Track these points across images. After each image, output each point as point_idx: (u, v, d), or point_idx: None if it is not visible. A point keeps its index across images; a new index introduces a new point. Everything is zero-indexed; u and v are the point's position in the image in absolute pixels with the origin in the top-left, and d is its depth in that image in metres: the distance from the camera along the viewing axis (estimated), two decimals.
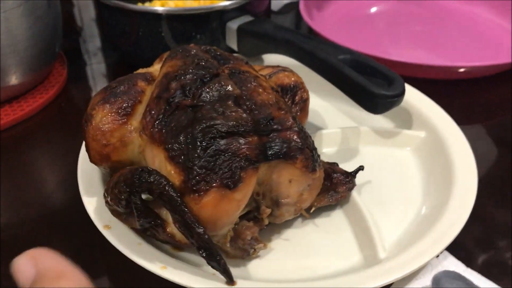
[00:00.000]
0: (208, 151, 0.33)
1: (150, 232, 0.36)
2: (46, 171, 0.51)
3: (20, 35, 0.53)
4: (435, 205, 0.42)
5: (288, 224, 0.41)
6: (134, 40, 0.59)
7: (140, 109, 0.38)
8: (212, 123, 0.34)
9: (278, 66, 0.47)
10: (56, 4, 0.59)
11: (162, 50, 0.59)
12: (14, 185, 0.48)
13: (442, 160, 0.45)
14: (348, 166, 0.44)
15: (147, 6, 0.61)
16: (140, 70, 0.43)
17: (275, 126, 0.36)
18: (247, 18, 0.58)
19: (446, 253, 0.39)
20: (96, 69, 0.69)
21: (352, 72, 0.45)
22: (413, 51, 0.70)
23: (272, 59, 0.58)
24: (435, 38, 0.73)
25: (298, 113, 0.45)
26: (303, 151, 0.36)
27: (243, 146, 0.34)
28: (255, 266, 0.38)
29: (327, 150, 0.50)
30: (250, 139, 0.34)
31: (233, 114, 0.35)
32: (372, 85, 0.44)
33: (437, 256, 0.38)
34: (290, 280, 0.37)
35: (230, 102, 0.35)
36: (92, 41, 0.75)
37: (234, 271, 0.37)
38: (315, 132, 0.50)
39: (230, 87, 0.36)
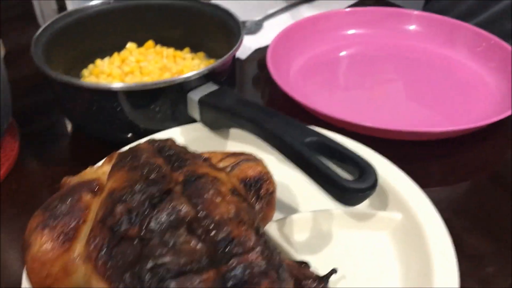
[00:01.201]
0: None
1: None
2: None
3: None
4: None
5: None
6: (89, 115, 0.55)
7: (85, 229, 0.34)
8: (160, 261, 0.30)
9: (241, 154, 0.44)
10: (4, 77, 0.55)
11: (120, 123, 0.55)
12: None
13: (419, 247, 0.43)
14: (321, 257, 0.41)
15: (100, 83, 0.57)
16: (88, 171, 0.40)
17: (235, 250, 0.32)
18: (209, 88, 0.54)
19: None
20: (55, 140, 0.64)
21: (320, 161, 0.42)
22: (383, 108, 0.67)
23: (237, 131, 0.55)
24: (410, 87, 0.70)
25: (264, 207, 0.42)
26: (267, 275, 0.33)
27: (197, 287, 0.30)
28: None
29: (298, 237, 0.46)
30: (206, 276, 0.30)
31: (186, 246, 0.31)
32: (341, 178, 0.41)
33: None
34: None
35: (182, 230, 0.32)
36: (50, 109, 0.71)
37: None
38: (285, 218, 0.46)
39: (182, 209, 0.33)
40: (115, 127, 0.56)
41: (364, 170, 0.41)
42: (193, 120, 0.57)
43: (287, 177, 0.51)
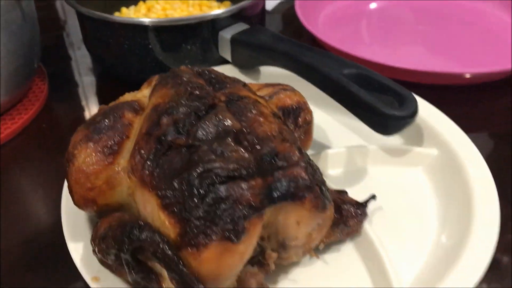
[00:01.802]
0: (207, 199, 0.29)
1: (144, 286, 0.32)
2: (26, 202, 0.46)
3: None
4: (456, 234, 0.38)
5: (295, 262, 0.38)
6: (119, 53, 0.55)
7: (128, 145, 0.34)
8: (210, 166, 0.30)
9: (278, 84, 0.43)
10: (33, 15, 0.55)
11: (150, 63, 0.55)
12: None
13: (458, 181, 0.42)
14: (357, 191, 0.40)
15: (132, 18, 0.56)
16: (127, 95, 0.39)
17: (280, 163, 0.32)
18: (241, 27, 0.53)
19: None
20: (81, 82, 0.64)
21: (359, 89, 0.41)
22: (414, 54, 0.66)
23: (271, 70, 0.54)
24: (437, 38, 0.69)
25: (302, 137, 0.42)
26: (312, 190, 0.32)
27: (246, 192, 0.30)
28: None
29: (333, 172, 0.46)
30: (254, 182, 0.30)
31: (234, 154, 0.31)
32: (382, 104, 0.40)
33: None
34: None
35: (229, 140, 0.31)
36: (76, 48, 0.71)
37: None
38: (320, 152, 0.46)
39: (228, 121, 0.32)
40: (144, 67, 0.55)
41: (404, 99, 0.41)
42: (224, 62, 0.56)
43: (320, 119, 0.51)
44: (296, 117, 0.41)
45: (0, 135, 0.52)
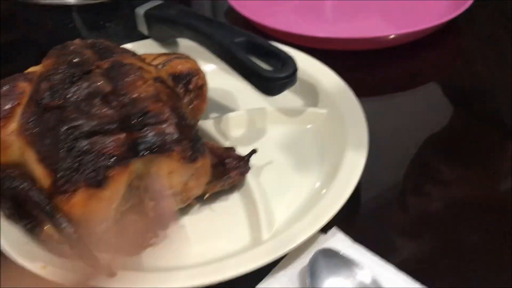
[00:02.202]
0: (72, 152, 0.34)
1: (32, 233, 0.37)
2: None
3: None
4: (325, 181, 0.43)
5: (184, 210, 0.42)
6: (45, 33, 0.59)
7: (21, 110, 0.38)
8: (75, 124, 0.34)
9: (174, 53, 0.47)
10: None
11: None
12: None
13: (338, 136, 0.46)
14: (251, 147, 0.44)
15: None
16: (30, 69, 0.43)
17: (149, 120, 0.36)
18: (154, 3, 0.57)
19: (334, 229, 0.41)
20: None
21: (245, 55, 0.46)
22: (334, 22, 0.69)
23: (189, 44, 0.58)
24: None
25: (195, 101, 0.46)
26: (180, 142, 0.37)
27: (108, 145, 0.34)
28: (147, 256, 0.39)
29: (233, 133, 0.50)
30: (117, 136, 0.35)
31: (98, 112, 0.35)
32: (263, 69, 0.44)
33: (325, 232, 0.40)
34: (180, 267, 0.38)
35: (96, 100, 0.36)
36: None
37: (127, 261, 0.38)
38: (222, 115, 0.50)
39: (99, 84, 0.37)
40: None
41: (284, 62, 0.45)
42: (144, 38, 0.60)
43: (228, 85, 0.55)
44: (188, 82, 0.45)
45: None
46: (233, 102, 0.54)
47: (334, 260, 0.37)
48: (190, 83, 0.45)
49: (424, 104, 0.56)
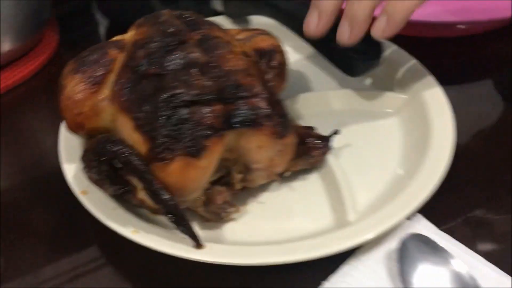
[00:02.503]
0: (172, 120, 0.33)
1: (125, 198, 0.37)
2: (34, 139, 0.52)
3: (7, 1, 0.54)
4: (410, 167, 0.42)
5: (264, 187, 0.42)
6: (120, 3, 0.59)
7: (112, 78, 0.38)
8: (174, 92, 0.34)
9: (256, 29, 0.47)
10: None
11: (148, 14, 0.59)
12: (4, 155, 0.50)
13: (422, 123, 0.45)
14: (327, 130, 0.44)
15: None
16: (116, 38, 0.44)
17: (242, 93, 0.36)
18: None
19: (419, 216, 0.40)
20: (89, 33, 0.69)
21: (330, 37, 0.45)
22: None
23: (260, 21, 0.57)
24: None
25: (275, 78, 0.45)
26: (271, 118, 0.36)
27: (206, 115, 0.34)
28: (229, 229, 0.39)
29: (307, 113, 0.49)
30: (214, 107, 0.34)
31: (197, 82, 0.35)
32: (350, 49, 0.43)
33: (409, 218, 0.39)
34: (260, 243, 0.38)
35: (194, 70, 0.36)
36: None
37: (207, 234, 0.38)
38: (296, 96, 0.50)
39: (195, 54, 0.36)
40: None
41: (370, 42, 0.44)
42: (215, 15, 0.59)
43: (303, 65, 0.54)
44: (270, 59, 0.44)
45: (13, 78, 0.57)
46: (309, 82, 0.53)
47: (425, 246, 0.36)
48: (272, 60, 0.44)
49: (505, 92, 0.54)
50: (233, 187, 0.39)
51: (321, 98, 0.50)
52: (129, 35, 0.42)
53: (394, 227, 0.37)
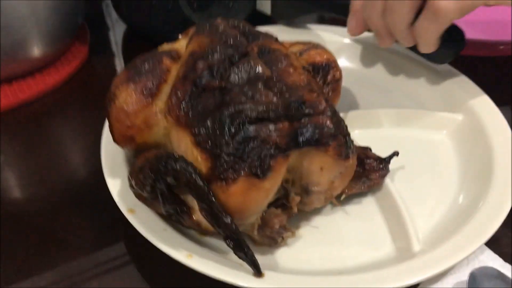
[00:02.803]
0: (237, 137, 0.31)
1: (175, 218, 0.35)
2: (68, 148, 0.50)
3: (41, 5, 0.52)
4: (473, 194, 0.40)
5: (317, 210, 0.40)
6: (147, 11, 0.57)
7: (166, 89, 0.36)
8: (241, 107, 0.32)
9: (309, 42, 0.45)
10: None
11: (180, 22, 0.57)
12: (35, 162, 0.48)
13: (481, 146, 0.43)
14: (381, 150, 0.42)
15: None
16: (165, 46, 0.41)
17: (306, 110, 0.34)
18: None
19: (483, 246, 0.37)
20: (121, 39, 0.67)
21: None
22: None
23: (305, 34, 0.56)
24: None
25: (330, 94, 0.43)
26: (336, 138, 0.34)
27: (273, 133, 0.32)
28: (282, 255, 0.37)
29: (359, 132, 0.47)
30: (281, 125, 0.32)
31: (263, 98, 0.33)
32: None
33: None
34: (319, 272, 0.35)
35: (259, 85, 0.33)
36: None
37: (260, 259, 0.35)
38: (347, 112, 0.47)
39: (260, 67, 0.34)
40: (175, 27, 0.57)
41: (451, 31, 0.42)
42: (261, 20, 0.57)
43: (350, 79, 0.52)
44: (325, 74, 0.42)
45: (46, 85, 0.55)
46: (360, 99, 0.51)
47: (495, 279, 0.34)
48: (328, 75, 0.42)
49: None
50: (290, 211, 0.36)
51: (372, 116, 0.48)
52: (181, 45, 0.40)
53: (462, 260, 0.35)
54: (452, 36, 0.44)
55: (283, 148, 0.32)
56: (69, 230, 0.41)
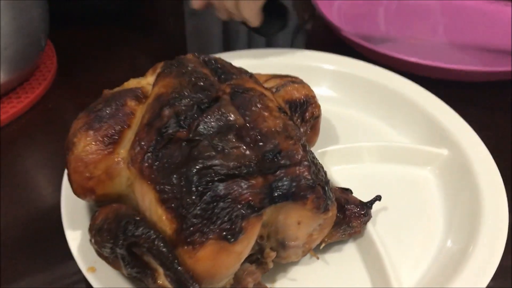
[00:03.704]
0: (205, 197, 0.28)
1: (139, 279, 0.32)
2: (27, 182, 0.46)
3: (2, 30, 0.48)
4: (461, 239, 0.37)
5: (294, 262, 0.37)
6: None
7: (129, 135, 0.33)
8: (210, 163, 0.29)
9: (287, 76, 0.42)
10: None
11: None
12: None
13: (467, 184, 0.41)
14: (363, 189, 0.39)
15: None
16: (131, 81, 0.38)
17: (282, 161, 0.31)
18: None
19: None
20: (88, 61, 0.63)
21: None
22: (429, 48, 0.63)
23: (284, 60, 0.53)
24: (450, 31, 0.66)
25: (308, 131, 0.41)
26: (314, 190, 0.31)
27: (245, 191, 0.29)
28: None
29: (339, 169, 0.45)
30: (254, 181, 0.29)
31: (235, 151, 0.30)
32: None
33: None
34: None
35: (231, 136, 0.30)
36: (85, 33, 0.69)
37: None
38: (327, 148, 0.45)
39: (232, 116, 0.31)
40: None
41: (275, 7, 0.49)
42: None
43: (329, 114, 0.49)
44: (304, 111, 0.40)
45: (6, 114, 0.51)
46: (335, 133, 0.48)
47: None
48: (306, 112, 0.40)
49: None
50: (266, 266, 0.33)
51: (353, 152, 0.45)
52: (147, 82, 0.37)
53: None
54: (276, 11, 0.51)
55: (257, 207, 0.29)
56: (10, 278, 0.37)
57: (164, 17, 0.75)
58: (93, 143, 0.32)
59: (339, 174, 0.44)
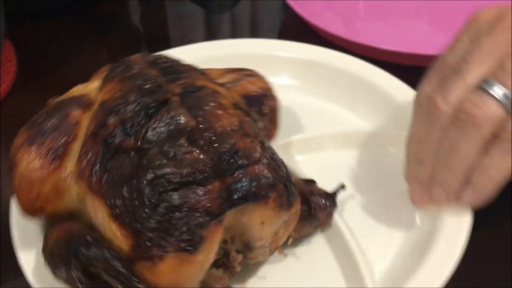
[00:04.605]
0: (159, 208, 0.27)
1: None
2: None
3: None
4: (428, 220, 0.37)
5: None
6: None
7: (76, 147, 0.31)
8: (161, 172, 0.27)
9: (241, 69, 0.40)
10: None
11: None
12: None
13: None
14: (327, 178, 0.39)
15: None
16: (77, 88, 0.36)
17: (240, 161, 0.30)
18: None
19: None
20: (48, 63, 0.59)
21: None
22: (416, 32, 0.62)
23: (240, 50, 0.51)
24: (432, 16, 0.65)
25: (267, 125, 0.39)
26: (275, 187, 0.30)
27: (202, 198, 0.27)
28: None
29: (302, 159, 0.44)
30: (211, 186, 0.28)
31: (188, 156, 0.28)
32: None
33: None
34: None
35: (183, 140, 0.29)
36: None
37: None
38: (289, 139, 0.44)
39: (182, 118, 0.30)
40: None
41: None
42: None
43: (290, 103, 0.48)
44: (261, 105, 0.38)
45: None
46: (302, 123, 0.47)
47: None
48: (263, 106, 0.38)
49: None
50: (233, 270, 0.32)
51: (316, 141, 0.44)
52: (93, 87, 0.35)
53: None
54: None
55: (216, 213, 0.28)
56: None
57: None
58: (37, 159, 0.30)
59: (304, 165, 0.43)
